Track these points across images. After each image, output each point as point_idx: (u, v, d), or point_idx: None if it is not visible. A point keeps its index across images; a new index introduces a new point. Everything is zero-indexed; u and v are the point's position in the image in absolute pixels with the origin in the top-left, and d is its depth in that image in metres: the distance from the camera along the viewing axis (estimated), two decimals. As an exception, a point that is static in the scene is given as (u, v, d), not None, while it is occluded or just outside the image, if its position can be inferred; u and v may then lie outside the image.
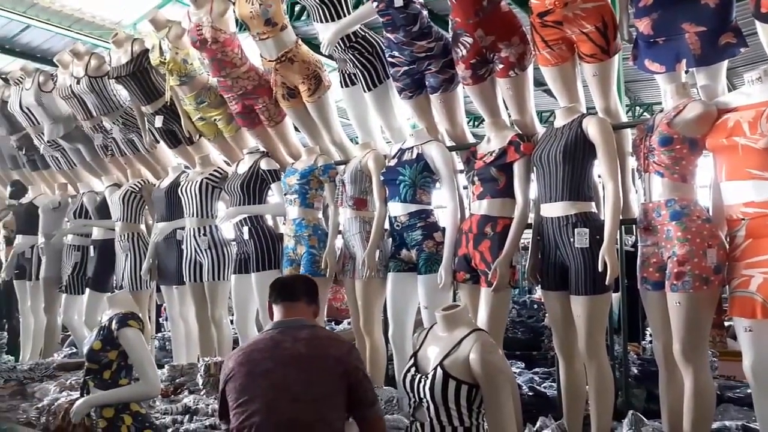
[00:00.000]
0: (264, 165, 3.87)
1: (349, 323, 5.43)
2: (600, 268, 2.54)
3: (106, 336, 2.71)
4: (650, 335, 4.13)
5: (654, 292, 2.55)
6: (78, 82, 4.47)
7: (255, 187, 3.85)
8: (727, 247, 2.40)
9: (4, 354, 4.64)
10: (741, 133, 2.27)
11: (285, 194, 3.71)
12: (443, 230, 3.15)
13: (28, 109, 4.97)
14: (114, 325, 2.69)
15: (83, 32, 8.31)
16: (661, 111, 2.62)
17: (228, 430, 1.94)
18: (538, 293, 5.75)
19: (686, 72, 2.62)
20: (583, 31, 2.73)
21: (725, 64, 2.60)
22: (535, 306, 5.56)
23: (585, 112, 2.85)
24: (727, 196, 2.38)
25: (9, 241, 5.37)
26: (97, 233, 4.72)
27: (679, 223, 2.41)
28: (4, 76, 5.51)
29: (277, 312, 2.08)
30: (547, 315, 4.80)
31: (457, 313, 2.12)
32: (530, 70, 3.05)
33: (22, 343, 5.19)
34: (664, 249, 2.47)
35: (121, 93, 4.53)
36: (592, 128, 2.65)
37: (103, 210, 4.68)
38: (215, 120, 4.10)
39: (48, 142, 5.03)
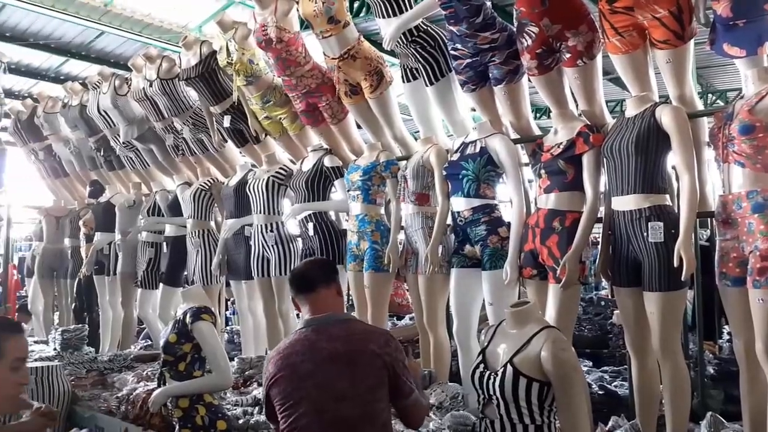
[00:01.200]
0: (327, 162, 3.92)
1: (411, 318, 5.45)
2: (675, 264, 2.43)
3: (180, 329, 2.82)
4: (728, 334, 3.96)
5: (734, 288, 2.42)
6: (150, 85, 4.66)
7: (319, 183, 3.91)
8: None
9: (85, 346, 4.90)
10: (833, 120, 2.13)
11: (348, 190, 3.75)
12: (508, 225, 3.10)
13: (105, 112, 5.22)
14: (188, 319, 2.80)
15: (152, 37, 8.66)
16: (741, 97, 2.48)
17: (277, 430, 1.97)
18: (605, 290, 5.58)
19: (769, 55, 2.47)
20: (655, 16, 2.62)
21: (814, 47, 2.43)
22: (602, 303, 5.41)
23: (657, 101, 2.73)
24: (816, 186, 2.24)
25: (89, 239, 5.65)
26: (169, 230, 4.91)
27: (762, 216, 2.27)
28: (82, 82, 5.81)
29: (303, 307, 2.06)
30: (615, 312, 4.70)
31: (527, 310, 2.08)
32: (599, 59, 2.95)
33: (102, 335, 5.47)
34: (746, 243, 2.34)
35: (191, 94, 4.69)
36: (666, 117, 2.54)
37: (174, 208, 4.86)
38: (280, 118, 4.18)
39: (123, 143, 5.27)
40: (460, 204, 3.17)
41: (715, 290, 3.25)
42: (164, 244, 4.94)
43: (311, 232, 3.89)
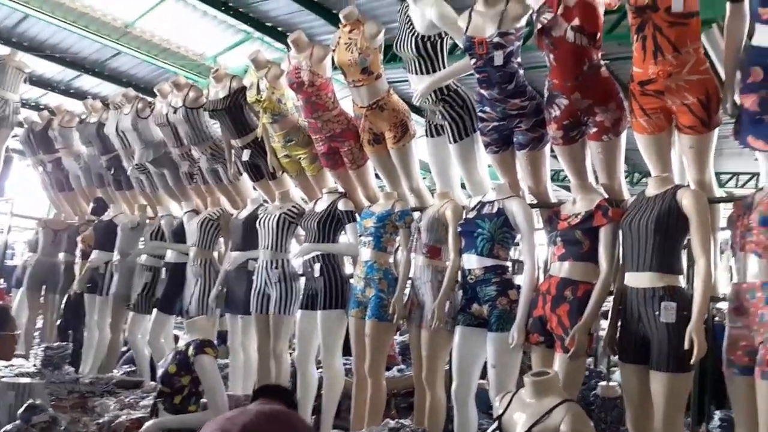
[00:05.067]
0: (342, 206, 3.95)
1: (399, 370, 5.37)
2: (686, 346, 2.44)
3: (181, 361, 2.77)
4: (719, 420, 3.93)
5: (741, 377, 2.43)
6: (175, 112, 4.72)
7: (331, 226, 3.92)
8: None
9: (66, 365, 4.78)
10: None
11: (359, 236, 3.76)
12: (518, 288, 3.11)
13: (123, 132, 5.26)
14: (191, 351, 2.76)
15: (168, 61, 8.84)
16: (761, 189, 2.55)
17: None
18: (589, 359, 5.50)
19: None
20: (684, 102, 2.72)
21: (835, 148, 2.53)
22: (587, 373, 5.34)
23: (678, 183, 2.81)
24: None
25: (85, 255, 5.59)
26: (170, 256, 4.87)
27: (776, 307, 2.31)
28: (104, 100, 5.88)
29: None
30: (600, 384, 4.66)
31: (547, 381, 2.07)
32: (623, 136, 3.03)
33: (83, 356, 5.34)
34: (757, 333, 2.36)
35: (213, 126, 4.75)
36: (687, 201, 2.60)
37: (179, 234, 4.84)
38: (300, 158, 4.24)
39: (136, 164, 5.29)
40: (473, 262, 3.19)
41: (706, 374, 3.26)
42: (163, 269, 4.90)
43: (317, 273, 3.88)
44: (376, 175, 4.12)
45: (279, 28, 7.80)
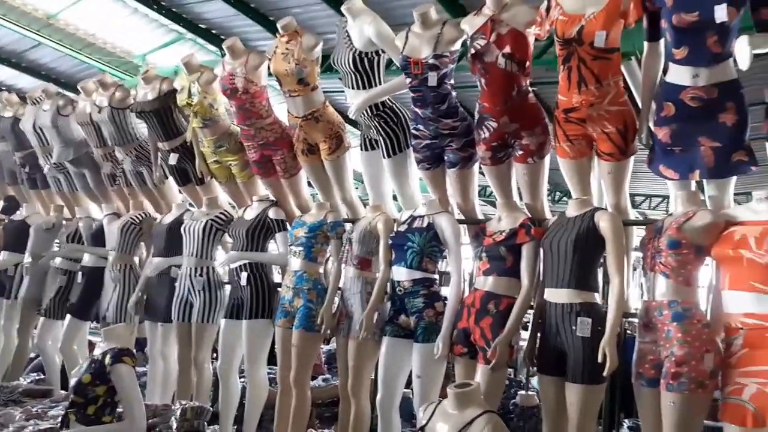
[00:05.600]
0: (272, 214, 3.92)
1: (324, 380, 5.38)
2: (599, 360, 2.59)
3: (97, 370, 2.66)
4: (628, 429, 4.17)
5: (648, 388, 2.61)
6: (99, 111, 4.54)
7: (260, 234, 3.89)
8: (723, 353, 2.49)
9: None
10: (747, 247, 2.40)
11: (290, 245, 3.75)
12: (445, 300, 3.20)
13: (41, 129, 4.99)
14: (108, 360, 2.65)
15: (92, 57, 8.47)
16: (671, 215, 2.76)
17: None
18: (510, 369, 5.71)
19: (697, 182, 2.78)
20: (604, 130, 2.90)
21: (734, 179, 2.77)
22: (507, 382, 5.51)
23: (596, 206, 2.98)
24: (728, 304, 2.49)
25: (-8, 256, 5.25)
26: (87, 260, 4.67)
27: (680, 325, 2.49)
28: (20, 94, 5.56)
29: None
30: (520, 393, 4.85)
31: (469, 392, 2.14)
32: (547, 159, 3.19)
33: (-14, 362, 5.00)
34: (663, 348, 2.55)
35: (139, 127, 4.61)
36: (604, 223, 2.77)
37: (98, 237, 4.65)
38: (230, 164, 4.17)
39: (55, 163, 5.03)
40: (402, 274, 3.25)
41: (616, 384, 3.47)
42: (80, 273, 4.68)
43: (244, 282, 3.83)
44: (309, 185, 4.13)
45: (213, 31, 7.63)
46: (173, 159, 4.32)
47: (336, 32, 3.70)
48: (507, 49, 2.95)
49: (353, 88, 3.54)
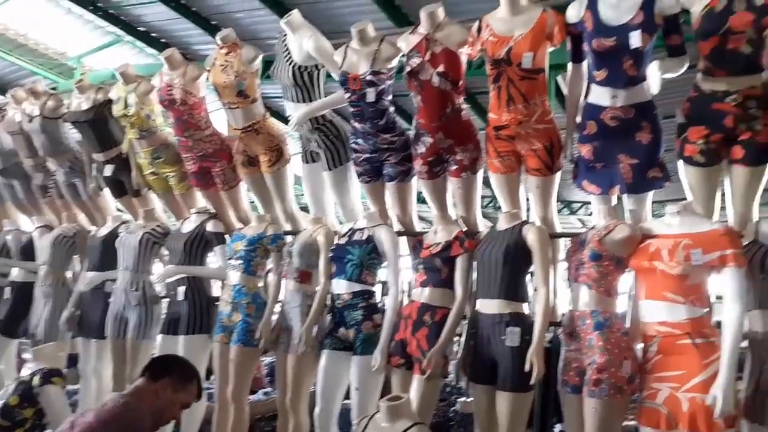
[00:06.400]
0: (211, 227, 3.88)
1: (265, 393, 5.34)
2: (527, 368, 2.70)
3: (25, 392, 2.60)
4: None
5: (572, 395, 2.72)
6: (30, 120, 4.40)
7: (198, 247, 3.85)
8: (640, 359, 2.64)
9: None
10: (660, 259, 2.56)
11: (228, 259, 3.73)
12: (383, 312, 3.25)
13: (-36, 137, 4.80)
14: (36, 381, 2.59)
15: (23, 58, 8.14)
16: (593, 228, 2.91)
17: None
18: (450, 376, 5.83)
19: (618, 196, 2.95)
20: (532, 147, 3.03)
21: (651, 194, 2.95)
22: (447, 389, 5.60)
23: (525, 219, 3.11)
24: (644, 313, 2.63)
25: None
26: (16, 274, 4.52)
27: (601, 333, 2.62)
28: None
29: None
30: (459, 400, 4.96)
31: (400, 405, 2.20)
32: (480, 174, 3.31)
33: None
34: (585, 356, 2.66)
35: (73, 137, 4.50)
36: (531, 236, 2.89)
37: (27, 251, 4.50)
38: (168, 176, 4.12)
39: (-20, 173, 4.84)
40: (342, 287, 3.29)
41: (549, 390, 3.60)
42: (8, 288, 4.51)
43: (181, 297, 3.79)
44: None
45: (153, 34, 7.48)
46: (109, 170, 4.23)
47: (276, 44, 3.72)
48: (441, 68, 3.05)
49: (293, 101, 3.57)
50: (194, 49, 7.37)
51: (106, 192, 4.45)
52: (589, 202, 13.20)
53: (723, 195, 2.85)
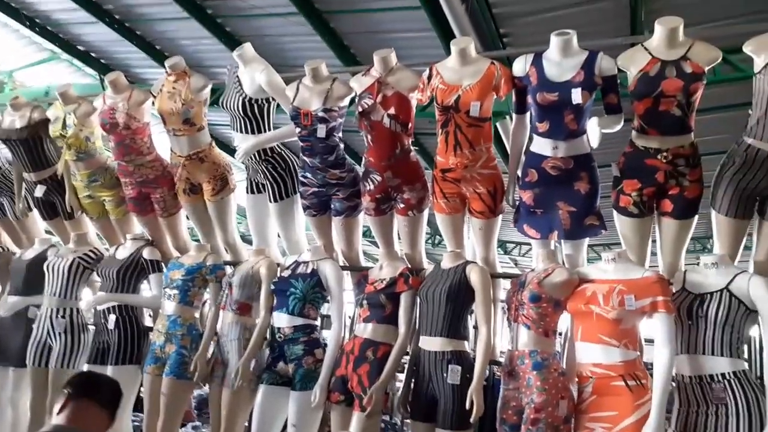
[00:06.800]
0: (147, 254, 3.78)
1: (194, 428, 5.15)
2: (467, 406, 2.75)
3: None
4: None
5: None
6: (-46, 135, 4.17)
7: (132, 275, 3.73)
8: (576, 399, 2.74)
9: None
10: (596, 303, 2.68)
11: (164, 288, 3.62)
12: (325, 347, 3.23)
13: None
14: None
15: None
16: (533, 270, 3.02)
17: None
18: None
19: (557, 242, 3.08)
20: (476, 191, 3.14)
21: (587, 240, 3.10)
22: (383, 425, 5.57)
23: (468, 259, 3.19)
24: (580, 354, 2.74)
25: None
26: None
27: (539, 373, 2.70)
28: None
29: (63, 409, 1.94)
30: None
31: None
32: (425, 214, 3.39)
33: None
34: (524, 395, 2.74)
35: (3, 154, 4.29)
36: (474, 275, 2.97)
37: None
38: (104, 200, 3.99)
39: None
40: (283, 320, 3.25)
41: (484, 426, 3.66)
42: None
43: (111, 325, 3.64)
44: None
45: (93, 54, 7.29)
46: (40, 191, 4.05)
47: (226, 73, 3.70)
48: (392, 110, 3.13)
49: (241, 132, 3.56)
50: (135, 72, 7.20)
51: (35, 213, 4.26)
52: (522, 243, 13.84)
53: (654, 242, 3.04)
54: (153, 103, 3.70)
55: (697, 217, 2.93)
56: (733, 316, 2.60)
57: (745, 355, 4.22)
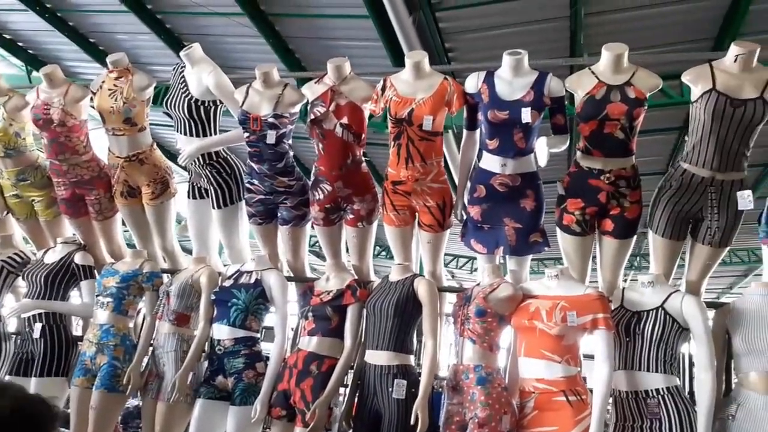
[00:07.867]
0: (78, 259, 3.60)
1: (125, 446, 4.89)
2: (412, 422, 2.73)
3: None
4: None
5: None
6: None
7: (62, 281, 3.54)
8: (517, 414, 2.78)
9: None
10: (539, 319, 2.73)
11: (96, 295, 3.45)
12: (266, 361, 3.15)
13: None
14: None
15: None
16: (478, 284, 3.05)
17: None
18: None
19: (502, 257, 3.13)
20: (426, 204, 3.16)
21: (530, 256, 3.16)
22: None
23: (417, 273, 3.20)
24: (523, 369, 2.78)
25: None
26: None
27: (483, 388, 2.72)
28: None
29: None
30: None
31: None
32: (374, 225, 3.37)
33: None
34: (467, 410, 2.75)
35: None
36: (421, 289, 2.97)
37: None
38: (33, 201, 3.77)
39: None
40: (223, 332, 3.15)
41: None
42: None
43: (37, 335, 3.44)
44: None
45: (20, 43, 6.89)
46: (-40, 192, 3.78)
47: (171, 74, 3.57)
48: (345, 120, 3.10)
49: (186, 134, 3.44)
50: (66, 65, 6.87)
51: (-44, 213, 3.96)
52: (460, 256, 14.07)
53: (593, 259, 3.14)
54: (92, 99, 3.52)
55: (636, 236, 3.05)
56: (667, 333, 2.71)
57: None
